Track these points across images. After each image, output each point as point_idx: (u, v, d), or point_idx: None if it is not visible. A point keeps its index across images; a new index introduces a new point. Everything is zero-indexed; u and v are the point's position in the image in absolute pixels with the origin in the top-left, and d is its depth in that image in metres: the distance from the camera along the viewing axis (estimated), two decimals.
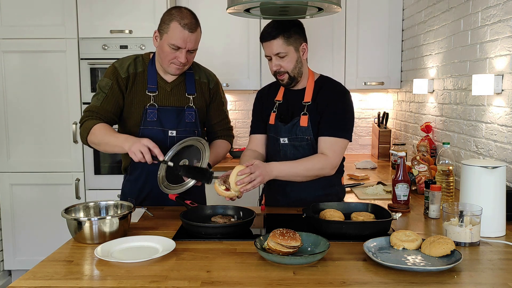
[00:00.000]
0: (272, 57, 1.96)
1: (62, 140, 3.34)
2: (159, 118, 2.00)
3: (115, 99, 1.98)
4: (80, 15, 3.25)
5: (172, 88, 2.03)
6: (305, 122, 1.98)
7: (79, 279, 1.29)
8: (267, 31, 1.95)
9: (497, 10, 2.19)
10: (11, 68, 3.29)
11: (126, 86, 1.99)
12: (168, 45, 1.89)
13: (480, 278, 1.29)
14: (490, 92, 2.16)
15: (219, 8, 3.46)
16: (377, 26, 3.57)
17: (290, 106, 2.05)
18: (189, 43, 1.89)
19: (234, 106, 3.94)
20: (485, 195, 1.66)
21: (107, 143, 1.88)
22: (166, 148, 1.95)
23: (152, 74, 2.01)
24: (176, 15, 1.88)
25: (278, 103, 2.08)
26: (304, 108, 2.00)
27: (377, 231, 1.60)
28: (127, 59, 2.04)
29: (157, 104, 2.00)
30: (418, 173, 2.38)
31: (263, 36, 1.96)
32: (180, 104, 2.03)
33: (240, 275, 1.31)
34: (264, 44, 1.96)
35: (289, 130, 2.01)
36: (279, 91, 2.10)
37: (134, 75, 2.00)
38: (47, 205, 3.36)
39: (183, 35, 1.87)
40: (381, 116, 3.79)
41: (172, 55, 1.91)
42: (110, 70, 2.00)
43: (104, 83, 1.99)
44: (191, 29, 1.88)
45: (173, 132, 2.01)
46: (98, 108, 1.97)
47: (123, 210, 1.72)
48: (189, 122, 2.04)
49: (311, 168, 1.92)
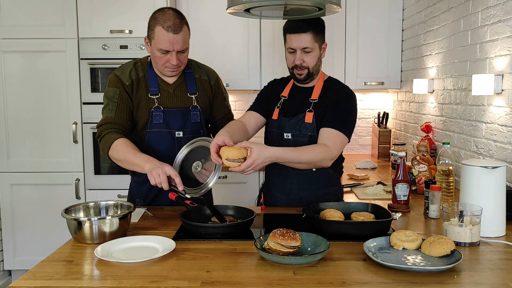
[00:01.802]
0: (297, 50, 1.95)
1: (62, 140, 3.34)
2: (165, 120, 2.00)
3: (126, 105, 1.98)
4: (80, 15, 3.25)
5: (174, 89, 2.04)
6: (310, 118, 1.99)
7: (79, 279, 1.29)
8: (298, 24, 1.93)
9: (497, 10, 2.19)
10: (11, 68, 3.29)
11: (132, 92, 1.99)
12: (157, 50, 1.89)
13: (480, 278, 1.29)
14: (490, 92, 2.16)
15: (219, 8, 3.46)
16: (377, 26, 3.57)
17: (295, 103, 2.06)
18: (176, 45, 1.88)
19: (234, 106, 3.94)
20: (485, 195, 1.66)
21: (128, 161, 1.88)
22: (174, 151, 1.97)
23: (153, 78, 2.01)
24: (159, 19, 1.87)
25: (283, 99, 2.09)
26: (311, 105, 2.01)
27: (377, 231, 1.60)
28: (127, 65, 2.04)
29: (162, 106, 2.00)
30: (418, 173, 2.38)
31: (292, 28, 1.94)
32: (184, 104, 2.04)
33: (240, 275, 1.31)
34: (292, 36, 1.94)
35: (294, 126, 2.01)
36: (286, 87, 2.11)
37: (137, 80, 2.00)
38: (47, 205, 3.36)
39: (168, 38, 1.85)
40: (381, 116, 3.79)
41: (163, 59, 1.91)
42: (114, 80, 1.99)
43: (112, 93, 1.98)
44: (175, 30, 1.86)
45: (180, 133, 2.02)
46: (114, 119, 1.97)
47: (123, 210, 1.72)
48: (195, 122, 2.05)
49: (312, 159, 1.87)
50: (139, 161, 1.83)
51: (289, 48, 1.98)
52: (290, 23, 1.97)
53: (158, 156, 1.97)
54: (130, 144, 1.91)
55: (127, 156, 1.87)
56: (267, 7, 1.92)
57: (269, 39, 3.57)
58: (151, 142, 2.02)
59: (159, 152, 2.00)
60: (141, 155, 1.86)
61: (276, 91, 2.14)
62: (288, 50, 1.99)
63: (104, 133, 1.95)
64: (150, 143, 2.02)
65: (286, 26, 1.98)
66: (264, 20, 3.53)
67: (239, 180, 3.29)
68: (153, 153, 1.98)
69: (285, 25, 2.00)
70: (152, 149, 2.02)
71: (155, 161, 1.82)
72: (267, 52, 3.58)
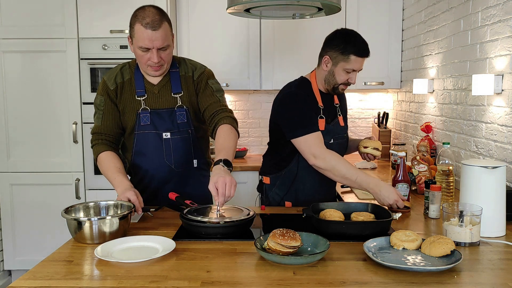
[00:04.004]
0: (356, 71, 2.09)
1: (62, 140, 3.34)
2: (152, 121, 1.99)
3: (112, 113, 2.02)
4: (80, 15, 3.25)
5: (159, 90, 2.01)
6: (342, 121, 2.23)
7: (79, 279, 1.29)
8: (367, 48, 2.05)
9: (497, 10, 2.19)
10: (11, 68, 3.29)
11: (116, 97, 2.01)
12: (138, 48, 1.88)
13: (480, 278, 1.29)
14: (490, 92, 2.16)
15: (219, 8, 3.46)
16: (377, 26, 3.57)
17: (327, 110, 2.16)
18: (155, 42, 1.85)
19: (234, 106, 3.94)
20: (485, 195, 1.66)
21: (107, 177, 1.95)
22: (162, 152, 1.98)
23: (139, 79, 2.01)
24: (139, 16, 1.85)
25: (322, 109, 2.13)
26: (336, 109, 2.23)
27: (377, 231, 1.60)
28: (115, 69, 2.05)
29: (148, 107, 2.00)
30: (418, 173, 2.38)
31: (364, 51, 2.04)
32: (169, 105, 2.01)
33: (240, 275, 1.31)
34: (360, 59, 2.06)
35: (333, 130, 2.16)
36: (317, 97, 2.14)
37: (122, 84, 2.00)
38: (47, 205, 3.36)
39: (147, 35, 1.83)
40: (381, 116, 3.79)
41: (145, 58, 1.89)
42: (101, 85, 2.03)
43: (98, 101, 2.03)
44: (154, 27, 1.83)
45: (167, 134, 2.00)
46: (101, 128, 2.02)
47: (123, 210, 1.72)
48: (182, 123, 2.01)
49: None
50: (113, 182, 1.90)
51: (350, 68, 2.05)
52: (359, 45, 2.03)
53: (146, 159, 2.01)
54: (112, 159, 1.96)
55: (105, 173, 1.96)
56: (267, 7, 1.92)
57: (269, 39, 3.56)
58: (139, 145, 2.01)
59: (147, 154, 2.01)
60: (114, 177, 1.90)
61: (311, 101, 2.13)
62: (346, 70, 2.06)
63: (93, 143, 2.04)
64: (139, 146, 2.01)
65: (354, 47, 2.02)
66: (264, 20, 3.53)
67: (239, 180, 3.30)
68: (142, 156, 2.01)
69: (351, 45, 2.02)
70: (140, 151, 2.02)
71: (124, 185, 1.85)
72: (267, 52, 3.58)
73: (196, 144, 2.06)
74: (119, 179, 1.89)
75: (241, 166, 3.36)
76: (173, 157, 2.01)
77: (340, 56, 2.04)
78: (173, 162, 2.02)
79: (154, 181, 2.04)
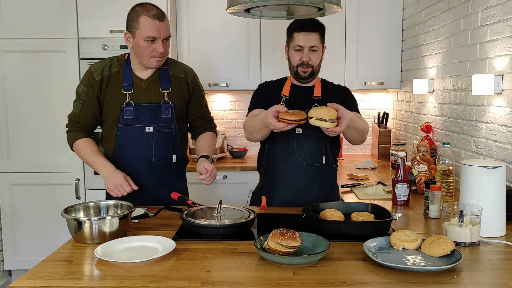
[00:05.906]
0: (305, 48, 2.02)
1: (62, 140, 3.31)
2: (135, 115, 2.05)
3: (91, 105, 2.08)
4: (80, 15, 3.25)
5: (147, 85, 2.07)
6: None
7: (79, 279, 1.29)
8: (308, 23, 2.03)
9: (497, 10, 2.19)
10: (11, 68, 3.29)
11: (100, 89, 2.06)
12: (143, 39, 1.95)
13: (480, 278, 1.29)
14: (490, 92, 2.16)
15: (219, 8, 3.46)
16: (377, 26, 3.57)
17: (297, 101, 2.11)
18: (162, 32, 1.96)
19: (234, 106, 3.94)
20: (485, 195, 1.66)
21: (87, 162, 2.10)
22: (143, 145, 2.05)
23: (128, 74, 2.06)
24: (142, 10, 1.95)
25: (285, 98, 2.12)
26: (315, 101, 2.11)
27: (377, 231, 1.60)
28: (103, 62, 2.11)
29: (133, 101, 2.05)
30: (418, 173, 2.38)
31: (303, 26, 2.02)
32: (155, 100, 2.08)
33: (240, 275, 1.31)
34: (301, 34, 2.02)
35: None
36: (285, 87, 2.14)
37: (108, 76, 2.05)
38: (47, 205, 3.35)
39: (155, 25, 1.94)
40: (381, 116, 3.79)
41: (150, 49, 1.97)
42: (86, 75, 2.08)
43: (80, 90, 2.08)
44: (160, 18, 1.96)
45: (150, 128, 2.06)
46: (78, 117, 2.10)
47: (123, 210, 1.72)
48: (166, 118, 2.08)
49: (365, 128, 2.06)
50: (95, 165, 2.04)
51: (296, 45, 2.04)
52: (299, 22, 2.04)
53: (128, 151, 2.06)
54: (89, 145, 2.08)
55: (85, 158, 2.08)
56: (267, 7, 1.92)
57: (269, 39, 3.56)
58: (122, 137, 2.07)
59: (129, 147, 2.07)
60: (96, 160, 2.04)
61: (275, 91, 2.15)
62: (294, 48, 2.05)
63: (69, 129, 2.13)
64: (121, 138, 2.07)
65: (295, 24, 2.05)
66: (264, 20, 3.53)
67: (239, 180, 3.30)
68: (124, 148, 2.06)
69: (293, 24, 2.06)
70: (123, 144, 2.07)
71: (108, 167, 1.99)
72: (267, 52, 3.58)
73: (177, 140, 2.13)
74: (100, 161, 2.03)
75: (241, 166, 3.36)
76: (154, 151, 2.08)
77: (288, 39, 2.10)
78: (153, 155, 2.08)
79: (135, 173, 2.08)
